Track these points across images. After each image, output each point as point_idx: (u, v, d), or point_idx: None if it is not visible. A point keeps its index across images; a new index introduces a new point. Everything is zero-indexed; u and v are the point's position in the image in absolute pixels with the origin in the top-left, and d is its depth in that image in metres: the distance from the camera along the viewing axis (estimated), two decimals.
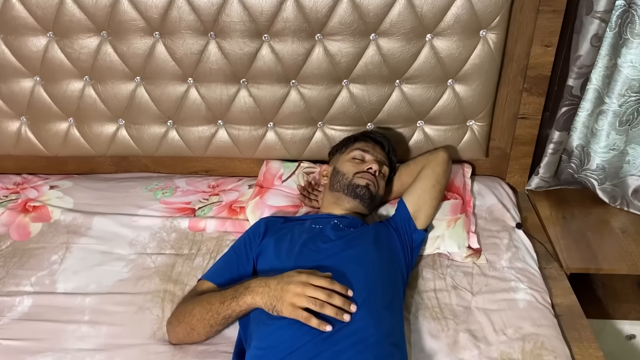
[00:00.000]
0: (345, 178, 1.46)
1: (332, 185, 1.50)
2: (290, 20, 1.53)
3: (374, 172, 1.46)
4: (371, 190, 1.44)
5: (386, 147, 1.56)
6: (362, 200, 1.44)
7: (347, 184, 1.45)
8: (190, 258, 1.55)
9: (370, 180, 1.44)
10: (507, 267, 1.50)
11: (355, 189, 1.43)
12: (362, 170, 1.46)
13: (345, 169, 1.48)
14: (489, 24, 1.52)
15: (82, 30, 1.59)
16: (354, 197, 1.43)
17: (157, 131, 1.78)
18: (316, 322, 1.07)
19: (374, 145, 1.54)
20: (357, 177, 1.45)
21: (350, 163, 1.49)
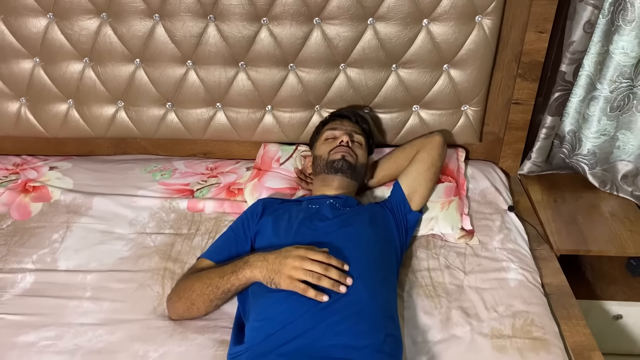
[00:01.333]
0: (322, 159, 1.51)
1: (315, 170, 1.54)
2: (289, 4, 1.55)
3: (346, 143, 1.50)
4: (348, 161, 1.48)
5: (353, 119, 1.59)
6: (343, 173, 1.47)
7: (325, 163, 1.49)
8: (189, 237, 1.58)
9: (344, 151, 1.48)
10: (498, 248, 1.54)
11: (333, 164, 1.48)
12: (334, 146, 1.50)
13: (321, 152, 1.53)
14: (485, 9, 1.55)
15: (82, 11, 1.61)
16: (335, 172, 1.47)
17: (156, 113, 1.80)
18: (313, 293, 1.10)
19: (341, 121, 1.58)
20: (331, 154, 1.49)
21: (324, 145, 1.54)
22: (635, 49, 1.57)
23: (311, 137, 1.68)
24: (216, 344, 1.25)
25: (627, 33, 1.55)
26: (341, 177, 1.47)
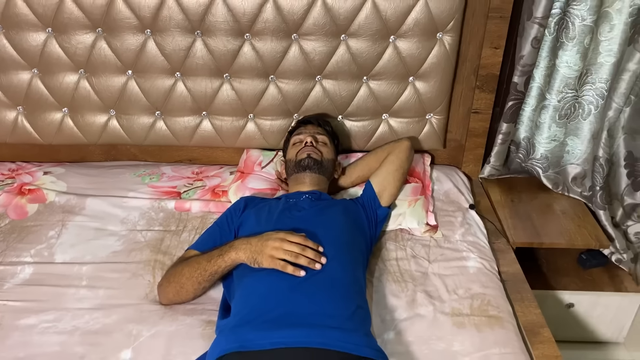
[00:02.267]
0: (292, 161, 1.67)
1: (287, 173, 1.70)
2: (269, 21, 1.72)
3: (310, 143, 1.65)
4: (314, 158, 1.63)
5: (316, 122, 1.76)
6: (310, 169, 1.62)
7: (295, 164, 1.65)
8: (177, 233, 1.71)
9: (309, 150, 1.64)
10: (460, 241, 1.70)
11: (300, 163, 1.63)
12: (301, 147, 1.66)
13: (290, 155, 1.69)
14: (445, 27, 1.73)
15: (79, 27, 1.75)
16: (304, 169, 1.62)
17: (146, 121, 1.93)
18: (291, 268, 1.25)
19: (305, 126, 1.75)
20: (298, 155, 1.65)
21: (292, 149, 1.70)
22: (577, 62, 1.77)
23: (282, 146, 1.84)
24: (203, 323, 1.37)
25: (569, 49, 1.75)
26: (310, 174, 1.62)
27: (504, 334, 1.39)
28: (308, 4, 1.69)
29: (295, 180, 1.65)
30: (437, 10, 1.69)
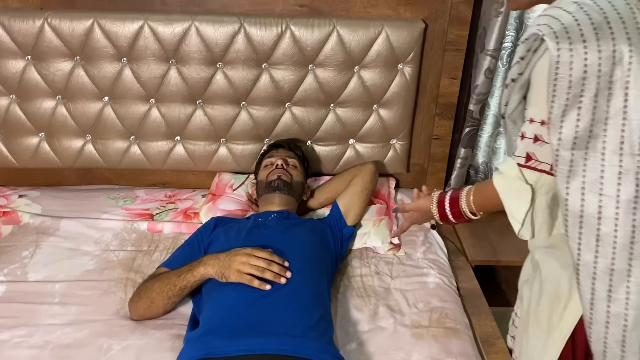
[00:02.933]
0: (262, 182, 1.75)
1: (258, 194, 1.78)
2: (241, 51, 1.82)
3: (281, 165, 1.74)
4: (284, 179, 1.71)
5: (287, 146, 1.86)
6: (280, 190, 1.70)
7: (265, 184, 1.73)
8: (149, 253, 1.76)
9: (279, 172, 1.72)
10: (421, 258, 1.79)
11: (271, 184, 1.71)
12: (271, 170, 1.75)
13: (261, 177, 1.77)
14: (405, 59, 1.86)
15: (58, 55, 1.82)
16: (274, 190, 1.70)
17: (121, 146, 2.00)
18: (257, 282, 1.32)
19: (277, 150, 1.84)
20: (269, 176, 1.73)
21: (263, 171, 1.78)
22: None
23: (254, 169, 1.92)
24: (173, 337, 1.42)
25: None
26: (280, 195, 1.70)
27: (460, 344, 1.47)
28: (277, 35, 1.80)
29: (265, 201, 1.73)
30: (398, 43, 1.81)
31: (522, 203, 1.12)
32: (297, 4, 1.81)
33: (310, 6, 1.81)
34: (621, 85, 0.98)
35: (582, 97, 0.98)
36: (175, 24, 1.78)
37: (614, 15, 0.98)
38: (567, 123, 1.00)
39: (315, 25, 1.79)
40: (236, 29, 1.78)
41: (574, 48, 0.97)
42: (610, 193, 1.01)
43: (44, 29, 1.77)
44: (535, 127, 1.07)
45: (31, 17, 1.75)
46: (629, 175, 1.00)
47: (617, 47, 0.97)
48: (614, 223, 1.01)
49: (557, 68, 0.98)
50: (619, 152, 1.00)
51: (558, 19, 1.00)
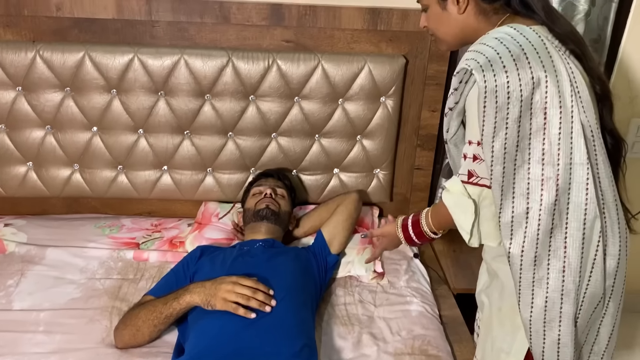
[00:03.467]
0: (250, 211, 1.78)
1: (245, 221, 1.81)
2: (229, 84, 1.87)
3: (269, 195, 1.78)
4: (272, 209, 1.75)
5: (276, 176, 1.90)
6: (268, 219, 1.73)
7: (253, 213, 1.76)
8: (135, 281, 1.77)
9: (268, 202, 1.76)
10: (404, 287, 1.82)
11: (259, 213, 1.74)
12: (260, 198, 1.78)
13: (249, 205, 1.80)
14: (387, 92, 1.92)
15: (48, 86, 1.86)
16: (261, 219, 1.73)
17: (108, 175, 2.02)
18: (243, 311, 1.34)
19: (266, 179, 1.88)
20: (257, 205, 1.77)
21: (251, 199, 1.81)
22: None
23: (242, 196, 1.96)
24: None
25: None
26: (267, 224, 1.73)
27: None
28: (264, 69, 1.86)
29: (252, 229, 1.76)
30: (380, 78, 1.88)
31: (468, 216, 1.27)
32: (284, 40, 1.88)
33: (296, 42, 1.88)
34: (541, 106, 1.14)
35: (508, 119, 1.13)
36: (165, 57, 1.83)
37: (529, 48, 1.15)
38: (497, 141, 1.15)
39: (300, 60, 1.86)
40: (224, 63, 1.84)
41: (497, 77, 1.12)
42: (535, 198, 1.17)
43: (36, 61, 1.81)
44: (474, 147, 1.23)
45: (24, 50, 1.80)
46: (550, 182, 1.16)
47: (535, 74, 1.13)
48: (537, 223, 1.17)
49: (485, 95, 1.13)
50: (541, 163, 1.16)
51: (482, 53, 1.15)
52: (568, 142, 1.15)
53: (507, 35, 1.17)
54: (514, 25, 1.20)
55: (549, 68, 1.14)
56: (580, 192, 1.17)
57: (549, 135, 1.15)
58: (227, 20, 1.84)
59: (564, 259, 1.19)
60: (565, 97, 1.14)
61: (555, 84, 1.13)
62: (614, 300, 1.27)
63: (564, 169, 1.15)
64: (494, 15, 1.25)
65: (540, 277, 1.22)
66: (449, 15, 1.27)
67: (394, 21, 1.85)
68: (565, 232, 1.19)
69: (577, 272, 1.19)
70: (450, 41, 1.34)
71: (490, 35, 1.20)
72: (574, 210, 1.18)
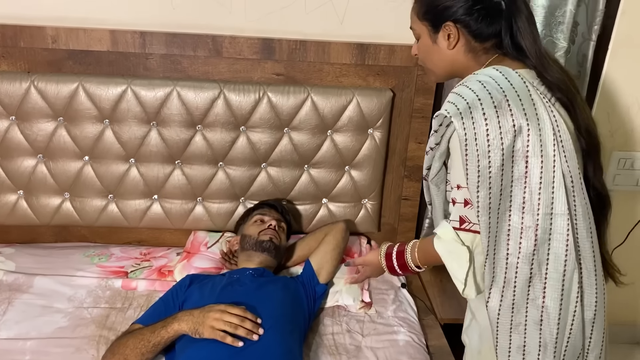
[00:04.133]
0: (252, 238, 1.79)
1: (242, 247, 1.82)
2: (220, 115, 1.91)
3: (274, 227, 1.80)
4: (275, 242, 1.77)
5: (279, 208, 1.93)
6: (269, 252, 1.75)
7: (255, 242, 1.77)
8: (122, 310, 1.77)
9: (272, 234, 1.78)
10: (391, 316, 1.83)
11: (261, 244, 1.76)
12: (264, 228, 1.80)
13: (250, 232, 1.81)
14: (375, 124, 1.97)
15: (41, 115, 1.89)
16: (262, 250, 1.75)
17: (98, 204, 2.04)
18: (230, 339, 1.35)
19: (269, 209, 1.91)
20: (261, 234, 1.78)
21: (253, 226, 1.83)
22: None
23: (240, 219, 1.97)
24: None
25: None
26: (266, 256, 1.75)
27: None
28: (255, 101, 1.91)
29: (248, 257, 1.77)
30: (368, 110, 1.94)
31: (461, 264, 1.24)
32: (274, 73, 1.93)
33: (287, 75, 1.93)
34: (522, 154, 1.14)
35: (491, 168, 1.13)
36: (158, 89, 1.87)
37: (512, 93, 1.15)
38: (482, 191, 1.14)
39: (290, 92, 1.91)
40: (216, 95, 1.89)
41: (476, 126, 1.12)
42: (514, 246, 1.17)
43: (30, 91, 1.84)
44: (464, 192, 1.21)
45: (18, 80, 1.83)
46: (529, 232, 1.16)
47: (516, 121, 1.13)
48: (514, 270, 1.18)
49: (466, 144, 1.13)
50: (521, 211, 1.16)
51: (463, 97, 1.15)
52: (549, 192, 1.14)
53: (490, 79, 1.16)
54: (499, 68, 1.19)
55: (531, 115, 1.13)
56: (561, 243, 1.16)
57: (529, 184, 1.14)
58: (220, 54, 1.89)
59: (542, 309, 1.19)
60: (547, 145, 1.13)
61: (537, 132, 1.13)
62: (592, 352, 1.25)
63: (544, 218, 1.15)
64: (483, 55, 1.25)
65: (517, 323, 1.21)
66: (438, 49, 1.27)
67: (381, 56, 1.91)
68: (544, 282, 1.18)
69: (555, 323, 1.18)
70: (439, 73, 1.33)
71: (474, 77, 1.20)
72: (554, 261, 1.17)
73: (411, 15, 1.32)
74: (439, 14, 1.24)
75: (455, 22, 1.22)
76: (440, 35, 1.25)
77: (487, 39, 1.23)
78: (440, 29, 1.24)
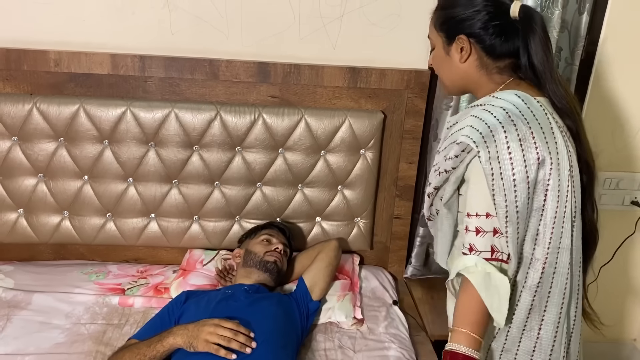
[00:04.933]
0: (257, 256, 1.83)
1: (245, 262, 1.86)
2: (216, 136, 1.97)
3: (280, 251, 1.84)
4: (278, 265, 1.82)
5: (287, 233, 1.97)
6: (271, 274, 1.80)
7: (259, 260, 1.82)
8: (119, 326, 1.80)
9: (277, 257, 1.83)
10: (383, 333, 1.87)
11: (266, 264, 1.81)
12: (270, 249, 1.85)
13: (256, 249, 1.86)
14: (367, 145, 2.03)
15: (43, 136, 1.94)
16: (265, 270, 1.80)
17: (97, 222, 2.08)
18: (224, 352, 1.39)
19: (278, 232, 1.95)
20: (267, 255, 1.83)
21: (260, 245, 1.87)
22: None
23: (246, 233, 2.03)
24: None
25: None
26: (268, 276, 1.80)
27: None
28: (251, 122, 1.97)
29: (248, 273, 1.81)
30: (360, 131, 2.00)
31: (503, 296, 1.14)
32: (269, 95, 1.99)
33: (281, 97, 2.00)
34: (543, 186, 1.15)
35: (517, 201, 1.13)
36: (156, 110, 1.93)
37: (536, 126, 1.14)
38: (511, 227, 1.14)
39: (285, 114, 1.97)
40: (213, 116, 1.95)
41: (501, 159, 1.12)
42: (521, 275, 1.19)
43: (32, 112, 1.90)
44: (492, 220, 1.15)
45: (21, 102, 1.89)
46: (537, 264, 1.17)
47: (540, 154, 1.13)
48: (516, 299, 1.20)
49: (493, 178, 1.13)
50: (533, 242, 1.17)
51: (487, 124, 1.13)
52: (560, 226, 1.16)
53: (513, 107, 1.14)
54: (520, 94, 1.17)
55: (552, 149, 1.14)
56: (563, 277, 1.18)
57: (545, 217, 1.15)
58: (216, 77, 1.95)
59: (536, 340, 1.20)
60: (563, 179, 1.15)
61: (557, 167, 1.14)
62: None
63: (552, 252, 1.16)
64: (497, 74, 1.23)
65: (508, 348, 1.23)
66: (450, 61, 1.25)
67: (372, 79, 1.98)
68: (542, 314, 1.20)
69: (547, 354, 1.20)
70: (450, 86, 1.31)
71: (495, 101, 1.17)
72: (555, 295, 1.19)
73: (429, 25, 1.30)
74: (454, 26, 1.22)
75: (469, 36, 1.21)
76: (453, 48, 1.23)
77: (500, 56, 1.22)
78: (454, 41, 1.23)
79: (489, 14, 1.19)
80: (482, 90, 1.24)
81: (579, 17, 1.88)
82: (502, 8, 1.20)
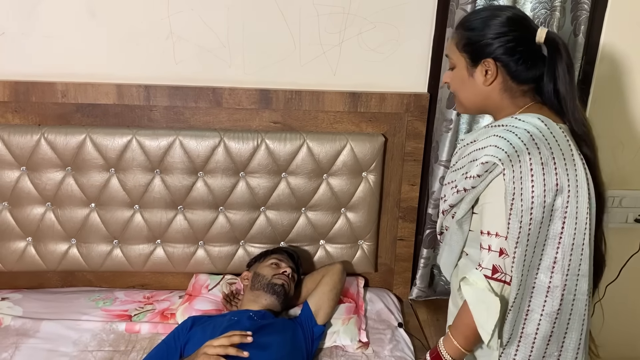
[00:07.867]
0: (265, 279, 1.85)
1: (253, 285, 1.87)
2: (220, 162, 2.00)
3: (288, 274, 1.86)
4: (285, 289, 1.84)
5: (295, 258, 1.99)
6: (278, 296, 1.82)
7: (267, 283, 1.84)
8: (126, 353, 1.82)
9: (285, 280, 1.85)
10: (388, 356, 1.87)
11: (274, 286, 1.82)
12: (278, 272, 1.86)
13: (265, 272, 1.88)
14: (368, 167, 2.06)
15: (51, 165, 1.98)
16: (272, 293, 1.81)
17: (104, 249, 2.11)
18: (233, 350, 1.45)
19: (287, 257, 1.98)
20: (275, 277, 1.85)
21: (268, 268, 1.89)
22: None
23: (255, 257, 2.05)
24: None
25: None
26: (274, 299, 1.82)
27: None
28: (253, 148, 2.00)
29: (256, 297, 1.83)
30: (361, 155, 2.02)
31: (491, 315, 1.18)
32: (272, 121, 2.03)
33: (283, 122, 2.03)
34: (561, 213, 1.15)
35: (531, 225, 1.14)
36: (161, 138, 1.97)
37: (558, 153, 1.15)
38: (520, 248, 1.15)
39: (287, 139, 2.00)
40: (216, 143, 1.98)
41: (524, 180, 1.13)
42: (538, 303, 1.19)
43: (40, 142, 1.94)
44: (500, 240, 1.18)
45: (29, 133, 1.94)
46: (556, 291, 1.17)
47: (559, 180, 1.14)
48: (535, 327, 1.19)
49: (513, 198, 1.14)
50: (550, 270, 1.17)
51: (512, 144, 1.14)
52: (578, 254, 1.16)
53: (537, 131, 1.15)
54: (543, 119, 1.18)
55: (572, 177, 1.14)
56: (582, 303, 1.19)
57: (563, 245, 1.15)
58: (220, 105, 1.99)
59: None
60: (582, 208, 1.15)
61: (575, 194, 1.14)
62: None
63: (571, 279, 1.17)
64: (520, 97, 1.23)
65: None
66: (473, 83, 1.24)
67: (372, 103, 2.02)
68: (562, 341, 1.20)
69: None
70: (468, 106, 1.31)
71: (519, 124, 1.18)
72: (575, 321, 1.19)
73: (449, 45, 1.29)
74: (480, 49, 1.22)
75: (495, 60, 1.21)
76: (478, 70, 1.23)
77: (525, 81, 1.23)
78: (479, 64, 1.22)
79: (515, 38, 1.20)
80: (503, 113, 1.25)
81: (575, 39, 1.90)
82: (528, 33, 1.21)
